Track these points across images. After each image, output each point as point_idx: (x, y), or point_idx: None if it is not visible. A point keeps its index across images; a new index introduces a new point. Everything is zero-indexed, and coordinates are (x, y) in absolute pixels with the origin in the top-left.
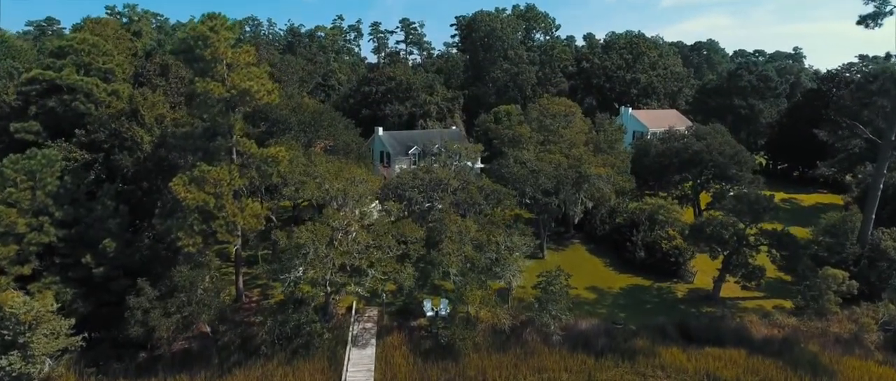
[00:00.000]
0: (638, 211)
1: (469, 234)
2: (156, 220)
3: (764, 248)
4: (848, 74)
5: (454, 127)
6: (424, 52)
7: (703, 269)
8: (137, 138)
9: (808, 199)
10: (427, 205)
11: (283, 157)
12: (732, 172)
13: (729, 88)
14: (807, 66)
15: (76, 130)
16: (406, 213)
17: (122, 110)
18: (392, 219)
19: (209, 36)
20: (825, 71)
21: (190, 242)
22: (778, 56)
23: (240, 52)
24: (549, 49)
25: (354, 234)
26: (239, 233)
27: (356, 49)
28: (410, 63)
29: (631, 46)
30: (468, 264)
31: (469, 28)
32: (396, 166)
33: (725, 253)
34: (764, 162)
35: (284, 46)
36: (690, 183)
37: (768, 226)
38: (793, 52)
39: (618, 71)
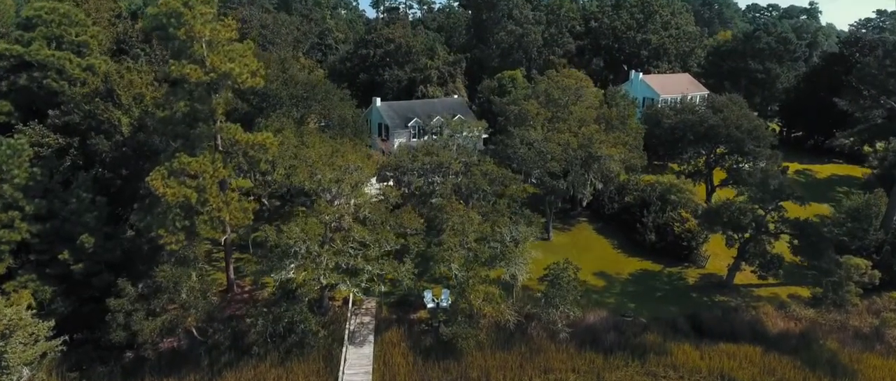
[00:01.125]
0: (648, 189)
1: (472, 225)
2: (134, 216)
3: (784, 236)
4: (864, 30)
5: (456, 95)
6: (425, 7)
7: (715, 252)
8: (114, 121)
9: (822, 170)
10: (429, 181)
11: (271, 143)
12: (749, 147)
13: (745, 50)
14: (823, 22)
15: (50, 111)
16: (405, 191)
17: (97, 90)
18: (390, 205)
19: (183, 12)
20: (847, 29)
21: (172, 239)
22: (793, 11)
23: (220, 28)
24: (556, 8)
25: (348, 227)
26: (226, 228)
27: (354, 3)
28: (410, 18)
29: (642, 4)
30: (471, 255)
31: None
32: (395, 140)
33: (741, 240)
34: (778, 129)
35: (278, 2)
36: (703, 158)
37: (787, 205)
38: (808, 6)
39: (628, 31)
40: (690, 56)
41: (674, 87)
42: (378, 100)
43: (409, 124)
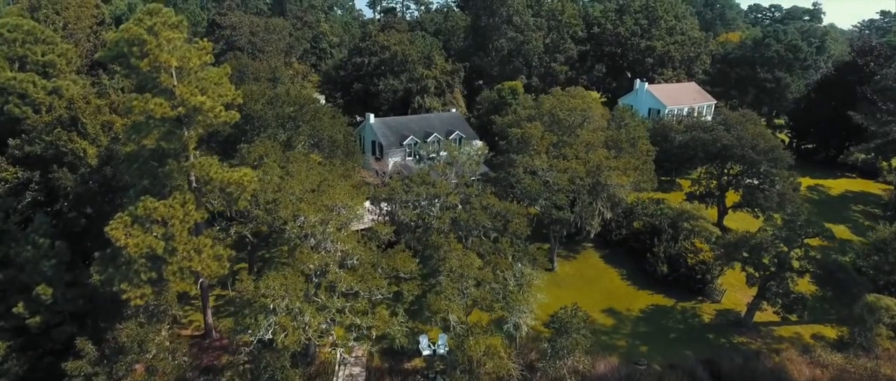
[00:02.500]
0: (658, 213)
1: (472, 270)
2: (95, 266)
3: (810, 274)
4: (868, 32)
5: (454, 109)
6: (422, 7)
7: (731, 283)
8: (79, 152)
9: (836, 186)
10: (424, 212)
11: (250, 181)
12: (765, 168)
13: (754, 57)
14: (825, 22)
15: (10, 141)
16: (402, 220)
17: (60, 118)
18: (382, 243)
19: (147, 40)
20: (848, 28)
21: (136, 293)
22: (795, 12)
23: (190, 54)
24: (557, 14)
25: (334, 278)
26: (198, 278)
27: (350, 1)
28: (407, 17)
29: (646, 10)
30: (470, 302)
31: None
32: (390, 160)
33: (763, 277)
34: (787, 140)
35: (273, 3)
36: (715, 182)
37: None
38: (812, 7)
39: (632, 38)
40: (696, 62)
41: (680, 97)
42: (371, 116)
43: (405, 143)
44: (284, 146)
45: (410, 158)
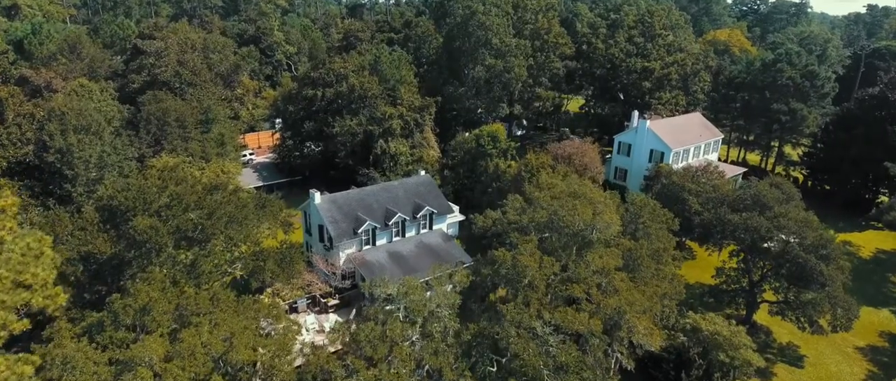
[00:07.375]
0: (682, 328)
1: None
2: None
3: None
4: (855, 27)
5: (423, 172)
6: (391, 1)
7: None
8: None
9: (865, 242)
10: None
11: None
12: (813, 265)
13: (763, 82)
14: (810, 10)
15: None
16: None
17: None
18: None
19: None
20: (837, 16)
21: None
22: (782, 6)
23: None
24: (543, 33)
25: None
26: None
27: None
28: (376, 8)
29: (642, 24)
30: None
31: (440, 9)
32: (342, 253)
33: None
34: (801, 178)
35: (227, 2)
36: (746, 277)
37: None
38: (798, 0)
39: (627, 58)
40: (693, 79)
41: (685, 135)
42: (317, 195)
43: (360, 230)
44: (188, 272)
45: (368, 247)
